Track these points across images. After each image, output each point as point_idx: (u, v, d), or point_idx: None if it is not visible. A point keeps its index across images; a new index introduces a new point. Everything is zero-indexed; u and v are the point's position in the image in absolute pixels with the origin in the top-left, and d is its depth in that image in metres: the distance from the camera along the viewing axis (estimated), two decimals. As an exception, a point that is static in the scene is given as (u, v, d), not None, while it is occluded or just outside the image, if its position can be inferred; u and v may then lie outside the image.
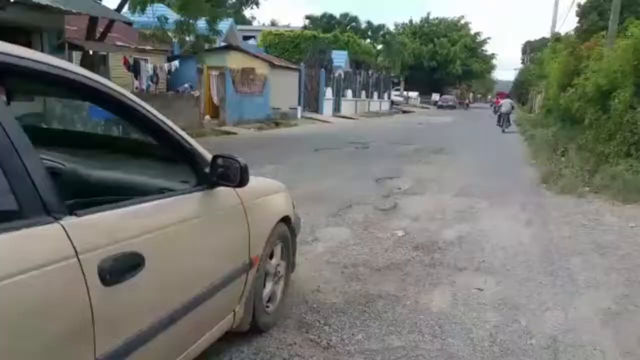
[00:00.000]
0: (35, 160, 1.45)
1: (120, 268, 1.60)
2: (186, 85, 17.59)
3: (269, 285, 3.01)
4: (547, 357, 2.94)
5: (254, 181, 2.46)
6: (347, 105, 32.05)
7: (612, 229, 5.92)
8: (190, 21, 14.16)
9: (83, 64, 11.89)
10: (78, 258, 1.47)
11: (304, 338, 3.03)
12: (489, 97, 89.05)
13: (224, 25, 19.96)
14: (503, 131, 21.56)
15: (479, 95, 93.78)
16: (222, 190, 2.34)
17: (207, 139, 13.33)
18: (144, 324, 1.75)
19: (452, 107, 50.59)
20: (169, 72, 17.99)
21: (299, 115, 24.34)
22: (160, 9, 15.90)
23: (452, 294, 3.79)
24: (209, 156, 2.29)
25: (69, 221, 1.49)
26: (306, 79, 26.94)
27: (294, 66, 26.63)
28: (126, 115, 2.03)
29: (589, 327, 3.33)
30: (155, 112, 2.06)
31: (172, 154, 2.31)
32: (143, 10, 13.12)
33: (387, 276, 4.08)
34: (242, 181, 2.26)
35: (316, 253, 4.52)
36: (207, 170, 2.26)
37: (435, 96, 57.20)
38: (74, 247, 1.47)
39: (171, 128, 2.13)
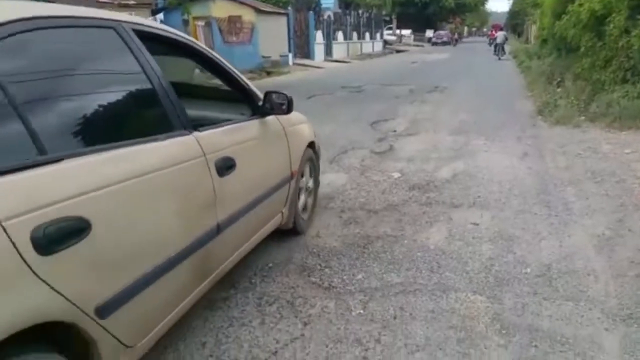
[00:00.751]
0: (176, 97, 2.24)
1: (225, 166, 2.42)
2: (173, 38, 17.16)
3: (302, 198, 3.77)
4: (542, 284, 3.04)
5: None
6: (339, 48, 31.37)
7: (607, 156, 5.96)
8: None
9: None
10: (205, 157, 2.27)
11: (306, 281, 3.13)
12: (485, 29, 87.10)
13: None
14: (499, 59, 25.66)
15: (473, 29, 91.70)
16: (270, 118, 3.10)
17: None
18: (239, 204, 2.60)
19: (447, 43, 49.55)
20: (154, 25, 17.48)
21: (290, 63, 23.85)
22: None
23: (448, 230, 3.87)
24: (260, 94, 3.04)
25: (196, 134, 2.29)
26: (295, 23, 26.24)
27: (281, 11, 25.86)
28: (205, 64, 2.81)
29: (582, 254, 3.43)
30: (226, 63, 2.87)
31: (235, 94, 3.03)
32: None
33: (384, 218, 4.16)
34: (289, 110, 3.06)
35: (314, 199, 4.57)
36: (260, 103, 3.00)
37: (429, 33, 55.86)
38: (202, 150, 2.26)
39: (236, 73, 2.93)
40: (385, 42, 43.96)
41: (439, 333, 2.57)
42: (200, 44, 2.72)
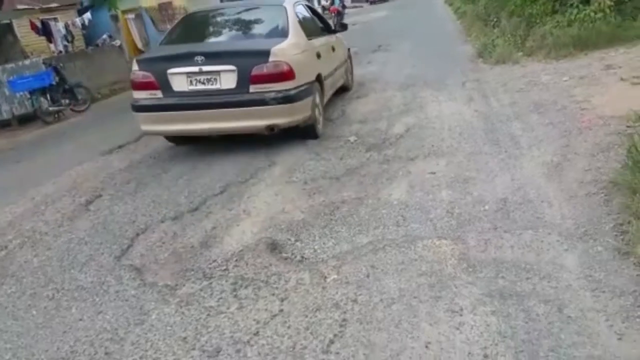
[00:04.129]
0: (327, 23, 7.54)
1: (333, 48, 6.97)
2: (104, 36, 16.56)
3: (347, 76, 7.93)
4: (501, 218, 3.18)
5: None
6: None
7: (547, 86, 6.18)
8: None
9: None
10: (331, 43, 6.87)
11: (278, 258, 3.16)
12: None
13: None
14: None
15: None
16: (338, 35, 7.45)
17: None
18: (337, 63, 7.04)
19: (384, 0, 49.37)
20: (83, 26, 16.73)
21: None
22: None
23: (408, 183, 3.97)
24: (332, 25, 7.61)
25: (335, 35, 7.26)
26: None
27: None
28: (316, 14, 7.15)
29: (534, 183, 3.59)
30: (321, 14, 7.73)
31: (327, 24, 7.35)
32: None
33: (346, 182, 4.21)
34: (344, 29, 7.81)
35: (274, 176, 4.58)
36: (333, 28, 7.41)
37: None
38: (331, 40, 6.97)
39: (325, 20, 7.46)
40: (324, 8, 43.41)
41: (411, 282, 2.66)
42: (315, 9, 7.40)
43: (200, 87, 4.98)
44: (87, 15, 16.63)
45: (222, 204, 4.09)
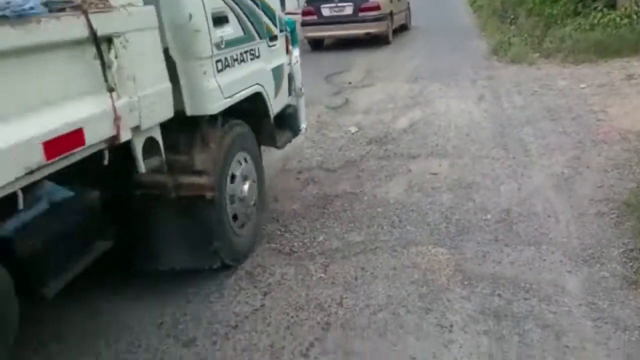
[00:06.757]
0: None
1: None
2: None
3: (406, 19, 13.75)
4: (503, 230, 3.01)
5: None
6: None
7: (563, 92, 5.96)
8: None
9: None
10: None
11: (265, 248, 3.02)
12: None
13: None
14: None
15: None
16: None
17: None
18: (402, 8, 13.19)
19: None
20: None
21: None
22: None
23: (407, 183, 3.80)
24: None
25: None
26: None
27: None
28: None
29: (542, 195, 3.41)
30: None
31: None
32: None
33: (343, 175, 4.05)
34: None
35: (270, 162, 4.40)
36: None
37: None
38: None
39: None
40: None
41: (400, 290, 2.52)
42: None
43: (334, 13, 10.67)
44: None
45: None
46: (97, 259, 2.12)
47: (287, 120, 3.53)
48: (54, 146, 1.59)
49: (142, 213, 2.39)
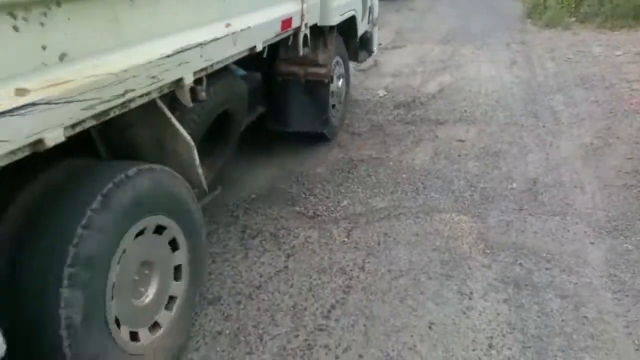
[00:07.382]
0: None
1: None
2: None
3: None
4: (527, 199, 3.00)
5: None
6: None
7: (597, 59, 5.76)
8: None
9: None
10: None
11: (289, 211, 3.06)
12: None
13: None
14: None
15: None
16: None
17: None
18: None
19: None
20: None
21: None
22: None
23: (433, 149, 3.78)
24: None
25: None
26: None
27: None
28: None
29: (570, 166, 3.36)
30: None
31: None
32: None
33: (368, 140, 4.04)
34: None
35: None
36: None
37: None
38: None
39: None
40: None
41: (422, 256, 2.55)
42: None
43: None
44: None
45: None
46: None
47: (365, 43, 4.59)
48: (283, 24, 2.69)
49: (282, 91, 3.49)
